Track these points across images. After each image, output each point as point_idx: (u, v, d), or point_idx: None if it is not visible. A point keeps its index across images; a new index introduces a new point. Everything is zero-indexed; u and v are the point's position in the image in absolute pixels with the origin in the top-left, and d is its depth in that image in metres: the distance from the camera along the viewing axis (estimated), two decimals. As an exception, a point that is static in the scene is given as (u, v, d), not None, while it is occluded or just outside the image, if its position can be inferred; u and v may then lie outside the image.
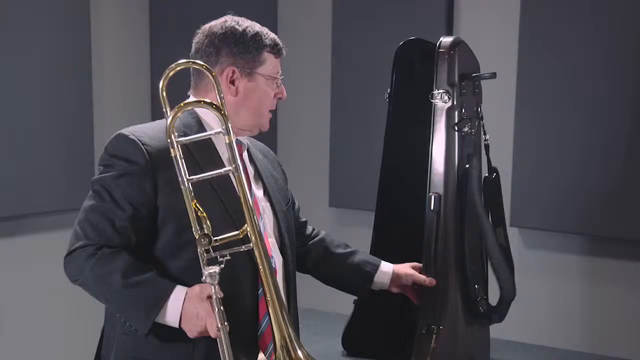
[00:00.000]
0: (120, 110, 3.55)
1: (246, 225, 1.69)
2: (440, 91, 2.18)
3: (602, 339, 3.00)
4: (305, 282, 2.20)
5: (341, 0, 3.49)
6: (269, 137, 3.71)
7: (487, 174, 2.29)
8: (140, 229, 1.76)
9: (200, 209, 1.66)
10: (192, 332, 1.68)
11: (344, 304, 2.55)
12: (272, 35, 1.93)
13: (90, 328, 1.67)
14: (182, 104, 1.70)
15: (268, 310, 1.66)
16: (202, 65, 1.73)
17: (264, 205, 1.91)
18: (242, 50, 1.87)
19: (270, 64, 1.91)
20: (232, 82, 1.88)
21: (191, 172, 1.69)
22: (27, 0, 3.16)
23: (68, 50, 3.31)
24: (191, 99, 1.86)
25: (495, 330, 2.41)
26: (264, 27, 1.93)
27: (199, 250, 1.64)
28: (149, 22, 3.67)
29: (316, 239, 2.23)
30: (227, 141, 1.68)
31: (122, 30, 3.60)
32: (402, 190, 2.45)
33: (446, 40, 2.22)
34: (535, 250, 3.12)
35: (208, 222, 1.65)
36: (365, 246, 2.50)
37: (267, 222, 1.90)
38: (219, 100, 1.72)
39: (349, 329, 2.48)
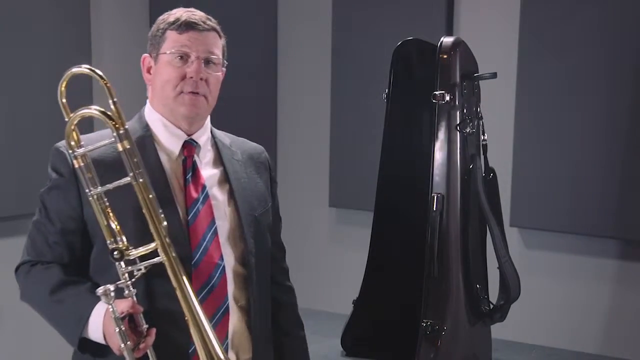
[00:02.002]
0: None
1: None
2: (442, 92, 2.18)
3: (602, 339, 3.00)
4: (305, 282, 2.20)
5: (341, 0, 3.49)
6: (269, 137, 3.73)
7: (484, 174, 2.30)
8: (72, 243, 1.73)
9: (113, 221, 1.61)
10: (113, 348, 1.63)
11: (344, 304, 2.56)
12: (180, 13, 1.79)
13: None
14: (76, 111, 1.72)
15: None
16: (92, 70, 1.80)
17: (226, 210, 1.80)
18: (152, 35, 1.83)
19: (171, 40, 1.78)
20: (149, 71, 1.87)
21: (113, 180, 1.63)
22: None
23: (68, 50, 3.30)
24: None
25: (496, 330, 2.42)
26: (186, 10, 1.81)
27: (116, 265, 1.59)
28: (149, 22, 3.67)
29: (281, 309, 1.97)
30: (121, 148, 1.61)
31: (122, 30, 3.60)
32: (401, 190, 2.45)
33: (447, 40, 2.22)
34: (535, 250, 3.12)
35: (122, 235, 1.60)
36: (364, 246, 2.51)
37: (222, 227, 1.77)
38: (113, 106, 1.71)
39: (349, 329, 2.48)
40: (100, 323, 1.64)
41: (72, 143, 1.67)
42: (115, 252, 1.59)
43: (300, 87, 3.63)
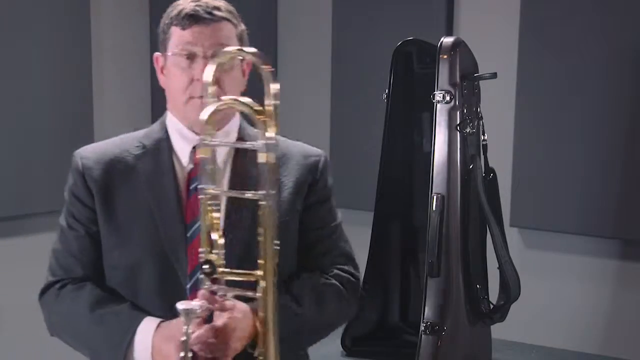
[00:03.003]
0: (120, 110, 3.55)
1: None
2: (442, 92, 2.18)
3: (602, 339, 2.99)
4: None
5: (341, 0, 3.49)
6: (268, 137, 3.72)
7: (484, 174, 2.30)
8: (97, 249, 1.60)
9: (216, 230, 1.40)
10: None
11: (344, 304, 2.55)
12: (183, 6, 1.58)
13: None
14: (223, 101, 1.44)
15: None
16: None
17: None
18: (160, 31, 1.63)
19: (175, 39, 1.57)
20: (162, 71, 1.65)
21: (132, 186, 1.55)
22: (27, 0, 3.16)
23: (68, 50, 3.30)
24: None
25: (495, 331, 2.41)
26: (192, 2, 1.59)
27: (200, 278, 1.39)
28: (149, 22, 3.67)
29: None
30: (264, 160, 1.36)
31: (122, 30, 3.60)
32: (401, 190, 2.45)
33: (447, 40, 2.22)
34: (535, 250, 3.12)
35: (220, 249, 1.40)
36: (364, 246, 2.50)
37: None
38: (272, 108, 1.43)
39: (349, 329, 2.48)
40: (148, 342, 1.49)
41: (209, 131, 1.43)
42: (207, 266, 1.39)
43: (300, 87, 3.63)
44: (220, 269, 1.40)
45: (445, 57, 2.19)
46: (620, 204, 2.89)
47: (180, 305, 1.36)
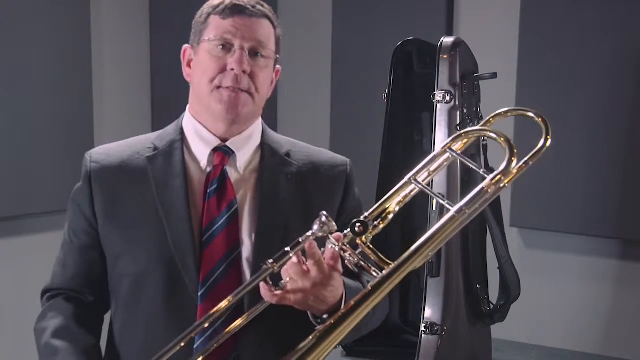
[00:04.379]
0: (120, 110, 3.55)
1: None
2: (442, 92, 2.18)
3: (602, 339, 2.99)
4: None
5: (341, 0, 3.49)
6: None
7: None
8: (92, 264, 1.56)
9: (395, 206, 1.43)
10: None
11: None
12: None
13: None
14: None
15: None
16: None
17: (253, 235, 1.52)
18: (195, 22, 1.57)
19: (213, 27, 1.51)
20: (189, 65, 1.59)
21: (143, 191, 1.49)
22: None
23: (68, 50, 3.30)
24: None
25: (496, 331, 2.41)
26: None
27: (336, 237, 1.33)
28: (149, 22, 3.67)
29: None
30: (492, 187, 1.39)
31: (122, 30, 3.60)
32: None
33: (447, 40, 2.22)
34: (535, 250, 3.12)
35: (380, 223, 1.41)
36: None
37: (247, 253, 1.52)
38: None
39: (349, 329, 2.47)
40: None
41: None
42: (359, 225, 1.37)
43: (300, 87, 3.63)
44: (370, 233, 1.38)
45: (445, 57, 2.19)
46: (620, 204, 2.89)
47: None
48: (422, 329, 2.12)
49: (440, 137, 2.18)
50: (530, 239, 3.12)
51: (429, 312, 2.14)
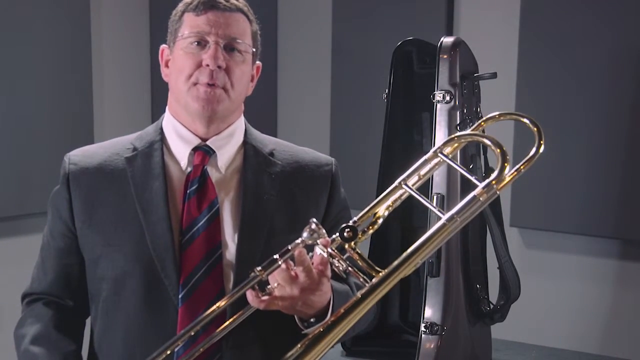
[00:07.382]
0: (120, 109, 3.55)
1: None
2: (442, 92, 2.18)
3: (602, 339, 2.99)
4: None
5: (341, 0, 3.49)
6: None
7: (484, 174, 2.30)
8: (69, 266, 1.55)
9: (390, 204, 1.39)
10: None
11: (344, 304, 2.55)
12: None
13: (88, 329, 1.65)
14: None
15: None
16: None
17: (235, 236, 1.51)
18: (170, 21, 1.57)
19: (187, 24, 1.50)
20: (167, 65, 1.57)
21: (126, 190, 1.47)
22: (27, -1, 3.16)
23: (68, 50, 3.30)
24: None
25: (495, 331, 2.41)
26: None
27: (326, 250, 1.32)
28: (149, 22, 3.67)
29: None
30: (484, 197, 1.36)
31: (122, 30, 3.60)
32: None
33: (447, 40, 2.22)
34: (535, 250, 3.12)
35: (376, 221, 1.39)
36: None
37: (229, 255, 1.49)
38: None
39: (349, 329, 2.47)
40: None
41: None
42: (347, 230, 1.34)
43: (300, 87, 3.63)
44: (359, 239, 1.36)
45: (445, 57, 2.19)
46: (620, 204, 2.89)
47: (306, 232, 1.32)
48: (422, 329, 2.12)
49: (440, 137, 2.18)
50: (530, 239, 3.12)
51: (429, 312, 2.14)
